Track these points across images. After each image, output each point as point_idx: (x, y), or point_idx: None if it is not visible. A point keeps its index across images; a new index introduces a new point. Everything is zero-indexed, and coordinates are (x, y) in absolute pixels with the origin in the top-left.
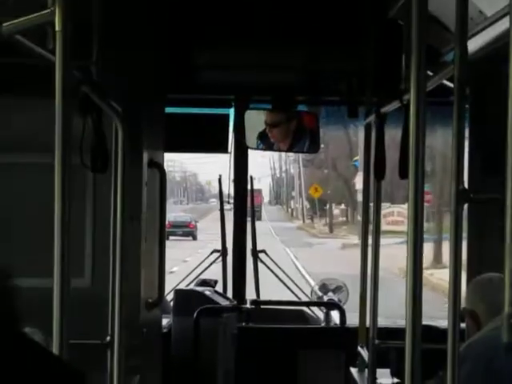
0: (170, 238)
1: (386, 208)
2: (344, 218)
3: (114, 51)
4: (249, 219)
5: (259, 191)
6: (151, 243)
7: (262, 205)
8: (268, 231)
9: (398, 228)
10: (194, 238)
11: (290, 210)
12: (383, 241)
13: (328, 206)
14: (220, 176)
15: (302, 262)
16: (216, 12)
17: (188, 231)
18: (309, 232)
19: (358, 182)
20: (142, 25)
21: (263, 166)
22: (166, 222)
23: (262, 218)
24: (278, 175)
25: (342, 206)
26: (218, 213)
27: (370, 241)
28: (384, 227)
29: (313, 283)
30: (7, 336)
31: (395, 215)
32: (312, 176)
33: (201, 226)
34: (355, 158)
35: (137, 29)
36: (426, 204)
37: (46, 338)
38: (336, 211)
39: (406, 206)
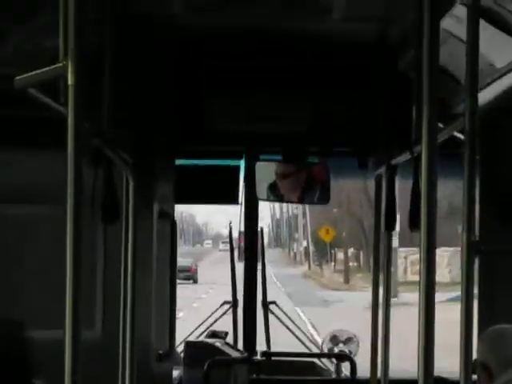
0: None
1: (412, 253)
2: (355, 263)
3: (125, 104)
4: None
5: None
6: (162, 294)
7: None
8: (269, 279)
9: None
10: (195, 282)
11: (292, 253)
12: (414, 296)
13: (343, 251)
14: (230, 223)
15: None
16: (226, 65)
17: (189, 275)
18: (318, 281)
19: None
20: (152, 77)
21: (261, 204)
22: None
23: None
24: (278, 216)
25: (351, 250)
26: (215, 256)
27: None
28: (411, 277)
29: None
30: None
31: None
32: (319, 216)
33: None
34: None
35: (147, 81)
36: None
37: None
38: (341, 256)
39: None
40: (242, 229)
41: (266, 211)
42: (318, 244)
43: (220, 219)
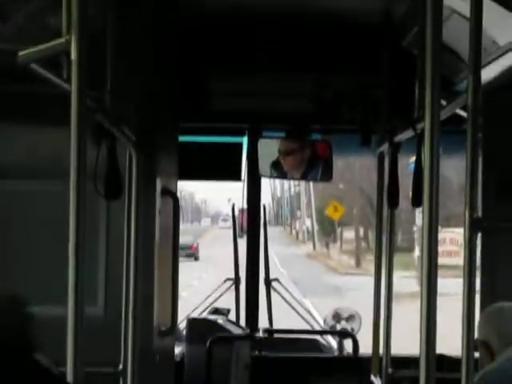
0: None
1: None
2: (363, 244)
3: (128, 80)
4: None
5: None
6: (164, 271)
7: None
8: (271, 261)
9: (453, 260)
10: (196, 259)
11: (294, 231)
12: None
13: (354, 230)
14: (233, 204)
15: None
16: (230, 41)
17: (190, 253)
18: (325, 264)
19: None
20: (155, 53)
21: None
22: None
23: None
24: (279, 193)
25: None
26: (214, 233)
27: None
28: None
29: None
30: (22, 362)
31: (447, 243)
32: (324, 192)
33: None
34: (411, 161)
35: (150, 57)
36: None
37: (52, 366)
38: (348, 235)
39: (460, 230)
40: (244, 207)
41: (267, 188)
42: (323, 222)
43: (219, 197)
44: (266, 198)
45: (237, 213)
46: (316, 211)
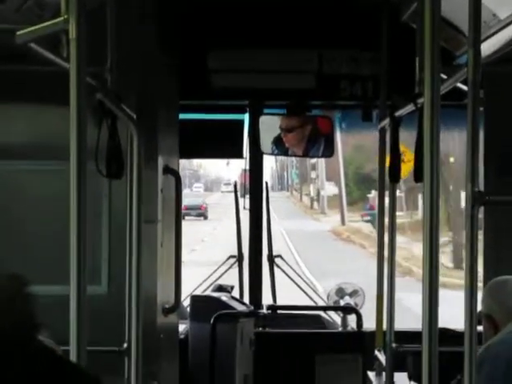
0: (186, 218)
1: None
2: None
3: (128, 58)
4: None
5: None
6: (167, 249)
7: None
8: (283, 243)
9: None
10: (206, 218)
11: (307, 198)
12: None
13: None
14: (235, 183)
15: None
16: (229, 18)
17: (200, 212)
18: (371, 251)
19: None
20: (155, 32)
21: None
22: (182, 206)
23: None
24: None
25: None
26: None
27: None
28: None
29: None
30: (24, 343)
31: None
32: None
33: None
34: None
35: (150, 35)
36: None
37: (55, 346)
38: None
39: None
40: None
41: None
42: (355, 185)
43: (219, 162)
44: (267, 162)
45: (239, 174)
46: (346, 170)
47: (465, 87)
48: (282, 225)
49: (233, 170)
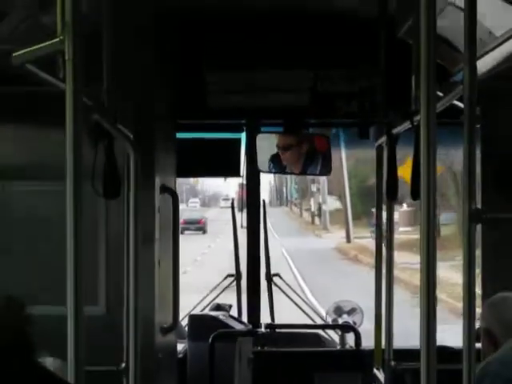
0: (185, 232)
1: None
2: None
3: (124, 78)
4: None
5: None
6: (165, 268)
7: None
8: (283, 264)
9: None
10: (204, 232)
11: (307, 214)
12: None
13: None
14: (233, 200)
15: None
16: (226, 37)
17: (199, 227)
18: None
19: None
20: (152, 51)
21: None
22: (181, 220)
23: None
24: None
25: (405, 207)
26: (214, 212)
27: None
28: None
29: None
30: (21, 364)
31: None
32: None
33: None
34: None
35: (147, 56)
36: None
37: (65, 365)
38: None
39: None
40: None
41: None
42: (358, 199)
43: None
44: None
45: (236, 189)
46: (350, 182)
47: (461, 104)
48: (283, 244)
49: (231, 185)
